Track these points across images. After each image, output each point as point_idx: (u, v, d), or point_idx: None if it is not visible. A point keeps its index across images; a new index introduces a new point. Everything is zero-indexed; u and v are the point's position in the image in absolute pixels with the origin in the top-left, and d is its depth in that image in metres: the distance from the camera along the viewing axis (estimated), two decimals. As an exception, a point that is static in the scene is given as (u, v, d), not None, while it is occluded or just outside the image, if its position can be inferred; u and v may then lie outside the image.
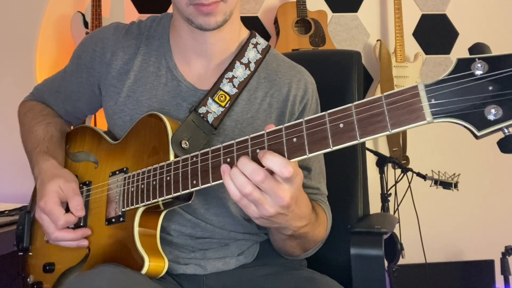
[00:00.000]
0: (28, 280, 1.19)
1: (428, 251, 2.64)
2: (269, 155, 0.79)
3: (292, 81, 1.16)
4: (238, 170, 0.81)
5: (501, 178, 2.99)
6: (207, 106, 1.08)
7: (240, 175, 0.81)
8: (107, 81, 1.17)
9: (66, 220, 1.05)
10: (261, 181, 0.79)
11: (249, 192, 0.81)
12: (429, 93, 0.67)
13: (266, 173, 0.79)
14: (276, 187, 0.80)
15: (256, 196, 0.81)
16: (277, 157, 0.79)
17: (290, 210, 0.85)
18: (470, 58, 0.65)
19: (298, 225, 0.92)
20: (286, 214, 0.85)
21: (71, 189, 1.08)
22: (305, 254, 1.13)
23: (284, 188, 0.81)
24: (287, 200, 0.81)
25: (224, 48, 1.15)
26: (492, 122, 0.63)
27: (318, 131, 0.76)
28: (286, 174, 0.78)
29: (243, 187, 0.81)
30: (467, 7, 3.04)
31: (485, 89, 0.63)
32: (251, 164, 0.80)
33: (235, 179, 0.81)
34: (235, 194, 0.83)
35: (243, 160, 0.81)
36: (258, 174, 0.79)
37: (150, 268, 0.98)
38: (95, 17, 2.66)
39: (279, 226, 0.90)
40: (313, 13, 2.82)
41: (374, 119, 0.71)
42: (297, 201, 0.86)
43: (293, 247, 1.08)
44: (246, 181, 0.80)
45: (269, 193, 0.81)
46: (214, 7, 1.01)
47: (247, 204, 0.84)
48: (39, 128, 1.23)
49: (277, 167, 0.78)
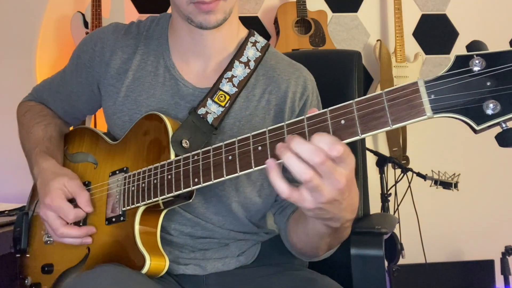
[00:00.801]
0: (26, 282, 1.19)
1: (428, 251, 2.64)
2: (317, 135, 0.72)
3: (291, 78, 1.16)
4: (293, 155, 0.72)
5: (501, 178, 2.99)
6: (207, 106, 1.08)
7: (296, 161, 0.71)
8: (106, 80, 1.17)
9: (76, 214, 1.05)
10: (322, 162, 0.70)
11: (310, 178, 0.71)
12: (429, 89, 0.68)
13: (326, 153, 0.70)
14: (333, 169, 0.72)
15: (315, 183, 0.72)
16: (325, 135, 0.71)
17: (345, 196, 0.76)
18: (468, 55, 0.66)
19: (348, 218, 0.84)
20: (341, 201, 0.76)
21: (77, 186, 1.08)
22: (326, 254, 1.06)
23: (340, 170, 0.72)
24: (343, 183, 0.73)
25: (222, 48, 1.15)
26: (490, 117, 0.64)
27: (319, 128, 0.76)
28: (334, 152, 0.70)
29: (303, 173, 0.71)
30: (467, 7, 3.04)
31: (483, 85, 0.65)
32: (308, 144, 0.71)
33: (292, 165, 0.71)
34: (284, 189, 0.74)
35: (297, 140, 0.72)
36: (318, 155, 0.70)
37: (151, 267, 0.98)
38: (95, 17, 2.66)
39: (332, 217, 0.81)
40: (313, 13, 2.82)
41: (375, 115, 0.71)
42: (351, 188, 0.77)
43: (327, 244, 0.99)
44: (306, 166, 0.71)
45: (327, 175, 0.72)
46: (214, 5, 1.01)
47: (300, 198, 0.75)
48: (39, 128, 1.23)
49: (326, 145, 0.70)
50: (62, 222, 1.05)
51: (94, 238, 1.08)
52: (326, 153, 0.70)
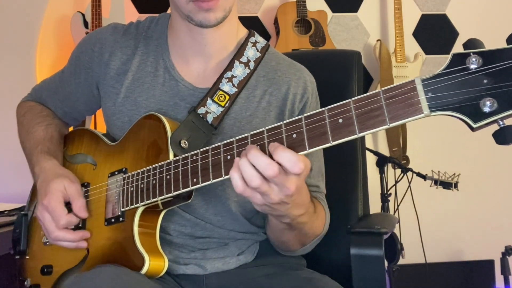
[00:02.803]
0: (26, 283, 1.19)
1: (428, 251, 2.64)
2: (281, 150, 0.77)
3: (292, 79, 1.16)
4: (248, 161, 0.79)
5: (501, 178, 2.98)
6: (206, 106, 1.08)
7: (250, 168, 0.78)
8: (105, 81, 1.17)
9: (68, 220, 1.05)
10: (274, 176, 0.78)
11: (257, 185, 0.79)
12: (426, 87, 0.68)
13: (279, 167, 0.77)
14: (285, 179, 0.79)
15: (263, 189, 0.80)
16: (288, 152, 0.77)
17: (293, 199, 0.84)
18: (465, 53, 0.66)
19: (296, 213, 0.92)
20: (288, 202, 0.85)
21: (76, 190, 1.08)
22: (303, 249, 1.12)
23: (292, 180, 0.80)
24: (293, 190, 0.81)
25: (222, 47, 1.15)
26: (487, 114, 0.64)
27: (317, 127, 0.77)
28: (296, 171, 0.77)
29: (251, 180, 0.79)
30: (467, 7, 3.04)
31: (480, 82, 0.65)
32: (264, 158, 0.78)
33: (245, 171, 0.79)
34: (240, 185, 0.80)
35: (254, 153, 0.78)
36: (272, 169, 0.77)
37: (150, 267, 0.98)
38: (95, 17, 2.66)
39: (280, 214, 0.90)
40: (313, 13, 2.82)
41: (373, 113, 0.72)
42: (300, 190, 0.86)
43: (291, 239, 1.07)
44: (256, 175, 0.78)
45: (278, 185, 0.80)
46: (214, 3, 1.01)
47: (252, 195, 0.82)
48: (39, 128, 1.23)
49: (289, 164, 0.77)
50: (57, 225, 1.05)
51: (93, 239, 1.08)
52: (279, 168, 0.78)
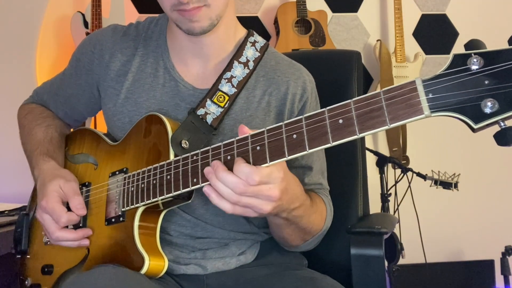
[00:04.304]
0: (26, 282, 1.19)
1: (428, 251, 2.64)
2: (237, 165, 0.84)
3: (291, 79, 1.15)
4: (220, 183, 0.85)
5: (501, 178, 2.98)
6: (206, 107, 1.08)
7: (224, 186, 0.85)
8: (105, 82, 1.17)
9: (68, 218, 1.05)
10: (244, 191, 0.84)
11: (237, 200, 0.85)
12: (427, 88, 0.68)
13: (244, 184, 0.83)
14: (259, 190, 0.84)
15: (246, 202, 0.85)
16: (244, 167, 0.83)
17: (283, 200, 0.89)
18: (466, 54, 0.67)
19: (290, 207, 0.95)
20: (280, 204, 0.89)
21: (71, 189, 1.08)
22: (306, 244, 1.12)
23: (269, 187, 0.85)
24: (277, 195, 0.86)
25: (220, 48, 1.14)
26: (488, 115, 0.64)
27: (318, 127, 0.77)
28: (252, 182, 0.82)
29: (229, 197, 0.85)
30: (467, 7, 3.04)
31: (481, 83, 0.65)
32: (230, 176, 0.84)
33: (222, 191, 0.85)
34: (228, 207, 0.86)
35: (222, 173, 0.84)
36: (238, 187, 0.83)
37: (150, 267, 0.98)
38: (95, 17, 2.66)
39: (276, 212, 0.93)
40: (313, 13, 2.82)
41: (373, 114, 0.72)
42: (287, 190, 0.89)
43: (290, 234, 1.08)
44: (231, 192, 0.84)
45: (257, 196, 0.85)
46: (195, 12, 1.00)
47: (243, 211, 0.87)
48: (39, 130, 1.24)
49: (244, 177, 0.83)
50: (58, 226, 1.05)
51: (94, 238, 1.08)
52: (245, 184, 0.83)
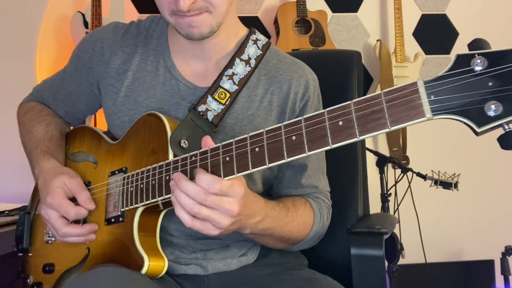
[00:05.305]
0: (28, 281, 1.19)
1: (428, 251, 2.64)
2: (198, 175, 0.86)
3: (293, 78, 1.15)
4: (182, 193, 0.87)
5: (501, 178, 2.98)
6: (207, 104, 1.08)
7: (185, 197, 0.86)
8: (106, 80, 1.17)
9: (77, 212, 1.04)
10: (204, 199, 0.85)
11: (197, 212, 0.86)
12: (429, 90, 0.67)
13: (205, 192, 0.85)
14: (220, 200, 0.86)
15: (205, 214, 0.86)
16: (205, 176, 0.85)
17: (241, 216, 0.90)
18: (470, 54, 0.65)
19: (251, 222, 0.96)
20: (239, 220, 0.91)
21: (77, 184, 1.08)
22: (297, 246, 1.14)
23: (229, 200, 0.87)
24: (236, 209, 0.87)
25: (221, 49, 1.14)
26: (492, 118, 0.63)
27: (317, 129, 0.76)
28: (212, 190, 0.85)
29: (190, 208, 0.86)
30: (467, 7, 3.04)
31: (485, 85, 0.63)
32: (192, 186, 0.86)
33: (183, 202, 0.87)
34: (187, 219, 0.87)
35: (183, 183, 0.87)
36: (199, 195, 0.85)
37: (150, 267, 0.98)
38: (95, 17, 2.66)
39: (236, 229, 0.95)
40: (313, 13, 2.82)
41: (374, 116, 0.70)
42: (248, 206, 0.91)
43: (270, 243, 1.11)
44: (193, 202, 0.86)
45: (216, 207, 0.86)
46: (195, 16, 1.00)
47: (202, 227, 0.88)
48: (39, 128, 1.23)
49: (205, 185, 0.85)
50: (64, 221, 1.04)
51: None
52: (206, 192, 0.85)
